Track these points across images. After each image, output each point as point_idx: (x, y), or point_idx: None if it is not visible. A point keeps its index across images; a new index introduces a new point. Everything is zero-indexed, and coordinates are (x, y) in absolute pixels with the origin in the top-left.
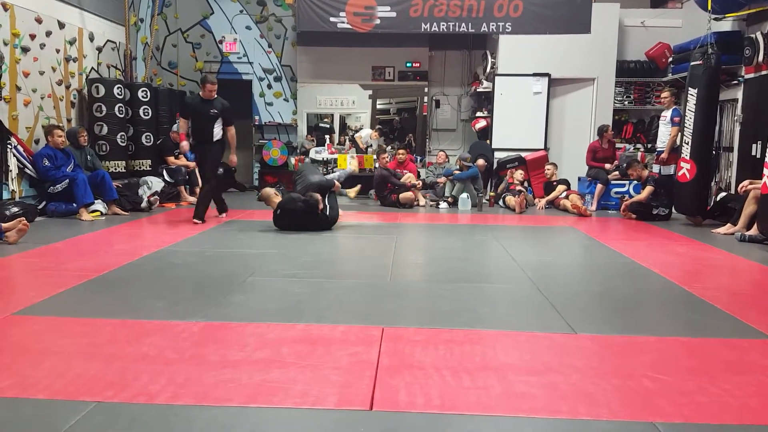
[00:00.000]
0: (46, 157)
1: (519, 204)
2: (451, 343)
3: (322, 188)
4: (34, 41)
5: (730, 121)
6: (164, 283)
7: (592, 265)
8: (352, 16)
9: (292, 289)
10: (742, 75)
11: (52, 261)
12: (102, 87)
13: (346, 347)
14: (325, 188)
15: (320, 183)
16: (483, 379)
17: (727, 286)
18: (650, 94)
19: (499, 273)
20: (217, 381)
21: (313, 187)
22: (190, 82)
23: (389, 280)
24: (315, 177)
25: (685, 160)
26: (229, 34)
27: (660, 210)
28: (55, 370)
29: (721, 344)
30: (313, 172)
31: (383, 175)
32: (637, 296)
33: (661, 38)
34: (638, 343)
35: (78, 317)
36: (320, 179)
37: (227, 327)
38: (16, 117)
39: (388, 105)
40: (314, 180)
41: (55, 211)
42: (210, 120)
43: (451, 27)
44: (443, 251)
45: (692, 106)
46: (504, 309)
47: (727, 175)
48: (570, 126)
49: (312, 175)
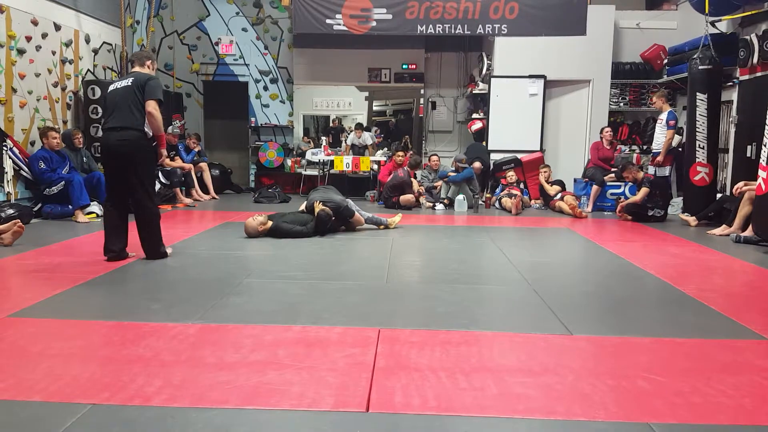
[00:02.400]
0: (42, 160)
1: (515, 205)
2: (448, 345)
3: (339, 210)
4: (29, 43)
5: (726, 123)
6: (160, 286)
7: (587, 266)
8: (348, 18)
9: (288, 291)
10: (737, 77)
11: (47, 263)
12: (98, 89)
13: (342, 349)
14: (341, 212)
15: (339, 204)
16: (479, 381)
17: (723, 287)
18: (645, 95)
19: (495, 274)
20: (213, 383)
21: (331, 204)
22: (187, 84)
23: (386, 282)
24: (337, 197)
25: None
26: (226, 36)
27: (655, 211)
28: (51, 372)
29: (716, 345)
30: (336, 192)
31: (406, 182)
32: (633, 297)
33: (656, 40)
34: (634, 344)
35: (74, 319)
36: (341, 201)
37: (224, 329)
38: (11, 119)
39: (384, 107)
40: (336, 199)
41: (51, 213)
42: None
43: (447, 29)
44: (440, 253)
45: (704, 111)
46: (500, 310)
47: (722, 176)
48: (566, 127)
49: (335, 194)
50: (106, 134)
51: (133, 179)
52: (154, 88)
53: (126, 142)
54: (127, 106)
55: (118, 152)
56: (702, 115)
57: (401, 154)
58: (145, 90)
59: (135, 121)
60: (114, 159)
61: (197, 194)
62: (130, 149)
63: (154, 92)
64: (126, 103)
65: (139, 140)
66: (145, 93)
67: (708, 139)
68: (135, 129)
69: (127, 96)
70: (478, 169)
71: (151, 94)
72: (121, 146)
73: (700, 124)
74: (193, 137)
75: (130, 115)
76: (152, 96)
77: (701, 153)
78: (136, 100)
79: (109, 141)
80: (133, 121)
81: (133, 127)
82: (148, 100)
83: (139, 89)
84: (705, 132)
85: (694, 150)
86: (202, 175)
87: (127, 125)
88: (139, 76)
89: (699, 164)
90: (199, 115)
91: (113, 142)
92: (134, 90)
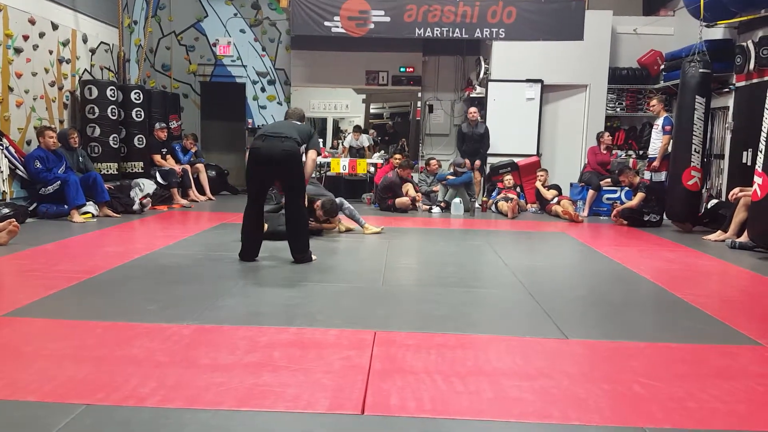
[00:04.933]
0: (38, 159)
1: (511, 209)
2: (443, 348)
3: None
4: (27, 42)
5: (721, 129)
6: (155, 286)
7: (583, 270)
8: (346, 21)
9: (283, 293)
10: (734, 83)
11: (42, 263)
12: (95, 89)
13: (338, 351)
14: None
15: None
16: (475, 384)
17: (718, 292)
18: (642, 101)
19: (491, 278)
20: (208, 384)
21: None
22: (184, 85)
23: (381, 284)
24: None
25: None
26: (223, 37)
27: (651, 216)
28: (45, 373)
29: (711, 350)
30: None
31: (395, 183)
32: (629, 302)
33: (653, 45)
34: (629, 348)
35: (68, 319)
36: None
37: (219, 330)
38: (8, 118)
39: (381, 109)
40: (328, 194)
41: (47, 212)
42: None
43: (444, 32)
44: (436, 256)
45: (701, 114)
46: (496, 314)
47: (718, 182)
48: (563, 132)
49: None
50: (268, 141)
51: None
52: (317, 142)
53: (288, 152)
54: (290, 127)
55: (281, 160)
56: (699, 119)
57: (398, 157)
58: (310, 142)
59: (297, 139)
60: (274, 165)
61: (194, 195)
62: (291, 158)
63: (317, 146)
64: (289, 127)
65: (297, 152)
66: (310, 144)
67: (702, 144)
68: (296, 142)
69: (290, 126)
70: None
71: (315, 146)
72: (284, 155)
73: (697, 128)
74: (190, 138)
75: (294, 134)
76: (314, 147)
77: (695, 157)
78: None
79: (273, 148)
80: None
81: (295, 139)
82: (312, 149)
83: (307, 133)
84: (701, 136)
85: (689, 154)
86: (198, 176)
87: (291, 135)
88: (307, 126)
89: (693, 168)
90: (196, 116)
91: (277, 151)
92: (301, 128)
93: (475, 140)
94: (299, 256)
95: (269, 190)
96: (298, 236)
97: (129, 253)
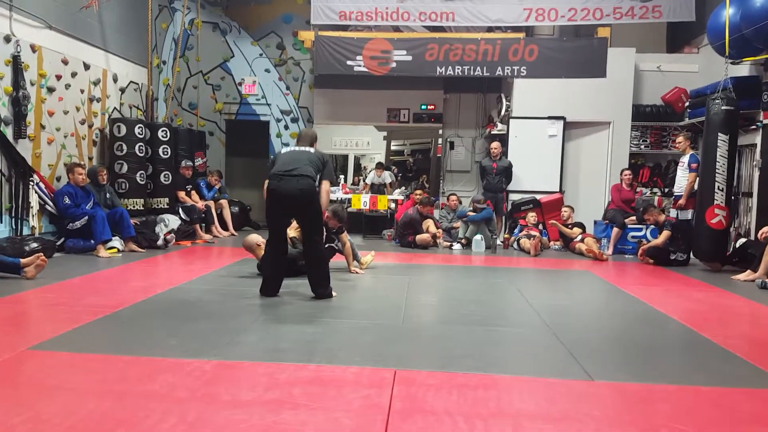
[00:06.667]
0: (67, 195)
1: (534, 246)
2: (465, 388)
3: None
4: (59, 81)
5: (749, 166)
6: (177, 321)
7: (608, 310)
8: (368, 60)
9: (304, 329)
10: (761, 120)
11: (68, 297)
12: (123, 126)
13: (357, 390)
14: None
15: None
16: (497, 427)
17: (748, 333)
18: (667, 138)
19: (513, 316)
20: (227, 421)
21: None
22: (210, 123)
23: (402, 322)
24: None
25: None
26: (249, 76)
27: (678, 255)
28: (68, 407)
29: (743, 394)
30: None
31: (416, 219)
32: (656, 343)
33: (677, 83)
34: (657, 391)
35: (91, 353)
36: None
37: (239, 366)
38: (39, 155)
39: (402, 146)
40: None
41: (73, 247)
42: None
43: (466, 70)
44: (457, 293)
45: (725, 151)
46: (519, 354)
47: (746, 220)
48: (586, 169)
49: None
50: (284, 181)
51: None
52: (330, 171)
53: (305, 191)
54: (303, 160)
55: (298, 199)
56: (723, 156)
57: (419, 193)
58: (324, 171)
59: (311, 175)
60: (291, 204)
61: (217, 231)
62: (307, 197)
63: (331, 175)
64: (303, 160)
65: (313, 189)
66: (324, 174)
67: (726, 182)
68: (311, 179)
69: (304, 159)
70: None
71: (329, 176)
72: (301, 194)
73: (720, 165)
74: (215, 174)
75: (308, 169)
76: (329, 177)
77: (719, 195)
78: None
79: (289, 188)
80: (310, 174)
81: (309, 177)
82: (325, 180)
83: (319, 161)
84: (724, 174)
85: (713, 192)
86: (222, 211)
87: (305, 173)
88: (319, 153)
89: (717, 207)
90: (221, 153)
91: (294, 191)
92: (314, 157)
93: (498, 173)
94: (319, 292)
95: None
96: (318, 272)
97: (152, 288)
